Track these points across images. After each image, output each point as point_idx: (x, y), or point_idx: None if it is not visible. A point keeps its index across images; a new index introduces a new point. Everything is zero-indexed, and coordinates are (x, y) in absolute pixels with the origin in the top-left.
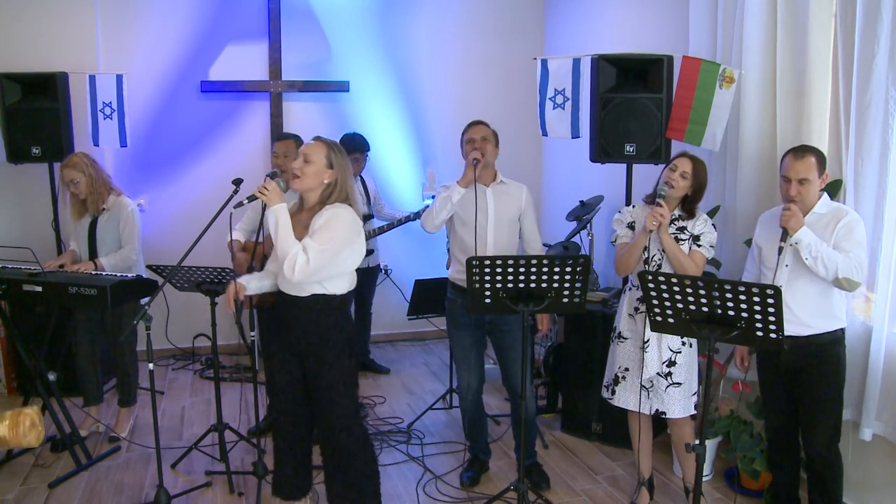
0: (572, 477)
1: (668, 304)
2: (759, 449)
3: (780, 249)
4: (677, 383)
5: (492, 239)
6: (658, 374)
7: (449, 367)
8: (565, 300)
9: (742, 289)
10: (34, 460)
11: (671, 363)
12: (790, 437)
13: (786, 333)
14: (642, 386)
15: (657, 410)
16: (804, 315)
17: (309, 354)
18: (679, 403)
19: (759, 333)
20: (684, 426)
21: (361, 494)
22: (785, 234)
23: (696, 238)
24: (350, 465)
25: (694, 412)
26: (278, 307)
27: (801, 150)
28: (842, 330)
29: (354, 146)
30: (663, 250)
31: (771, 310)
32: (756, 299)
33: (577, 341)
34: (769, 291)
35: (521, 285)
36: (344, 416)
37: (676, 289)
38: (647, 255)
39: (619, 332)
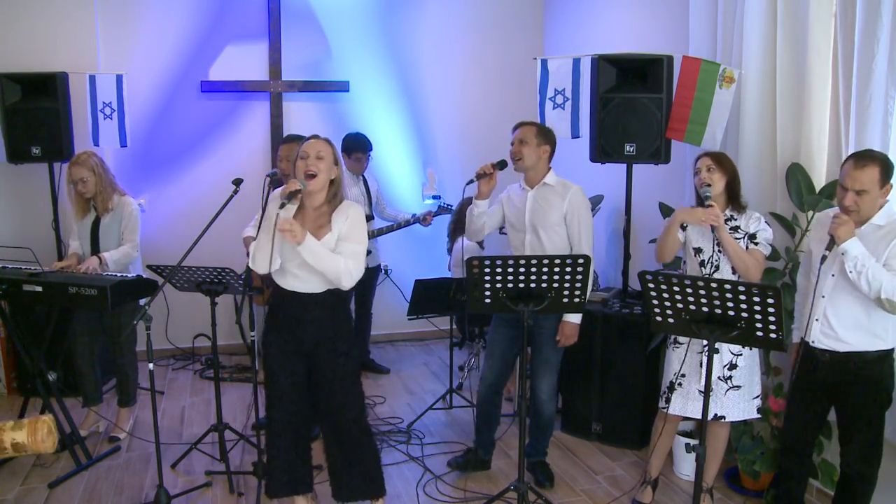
0: (572, 477)
1: (668, 303)
2: (760, 451)
3: (823, 258)
4: (737, 387)
5: (528, 242)
6: (719, 377)
7: (449, 367)
8: (565, 300)
9: (742, 289)
10: (34, 460)
11: (732, 366)
12: (805, 447)
13: (823, 347)
14: (700, 391)
15: (716, 415)
16: (841, 330)
17: (320, 349)
18: (739, 406)
19: (759, 333)
20: (726, 428)
21: (373, 483)
22: (832, 243)
23: (752, 236)
24: (361, 456)
25: (757, 415)
26: (286, 308)
27: (864, 159)
28: (889, 351)
29: (358, 146)
30: (720, 250)
31: (771, 310)
32: (756, 299)
33: (577, 341)
34: (769, 291)
35: (521, 285)
36: (354, 406)
37: (676, 289)
38: (702, 258)
39: (675, 338)
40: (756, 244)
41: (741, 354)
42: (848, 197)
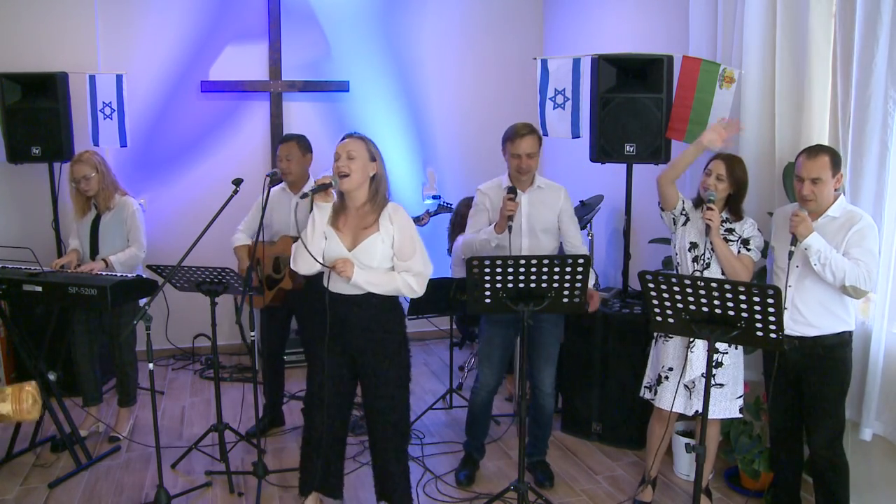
0: (572, 477)
1: (668, 304)
2: (758, 451)
3: (791, 254)
4: (719, 384)
5: (526, 245)
6: (703, 374)
7: (449, 367)
8: (565, 300)
9: (742, 289)
10: (34, 460)
11: (718, 364)
12: (793, 437)
13: (793, 334)
14: (685, 386)
15: (697, 411)
16: (811, 316)
17: (367, 351)
18: (720, 404)
19: (759, 333)
20: (713, 426)
21: (406, 489)
22: (795, 239)
23: (745, 241)
24: (398, 461)
25: (739, 415)
26: (333, 309)
27: (815, 150)
28: (849, 333)
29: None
30: (713, 250)
31: (771, 310)
32: (756, 299)
33: (577, 341)
34: (769, 291)
35: (521, 285)
36: (398, 410)
37: (676, 289)
38: (696, 254)
39: None
40: (749, 250)
41: (727, 353)
42: (806, 186)
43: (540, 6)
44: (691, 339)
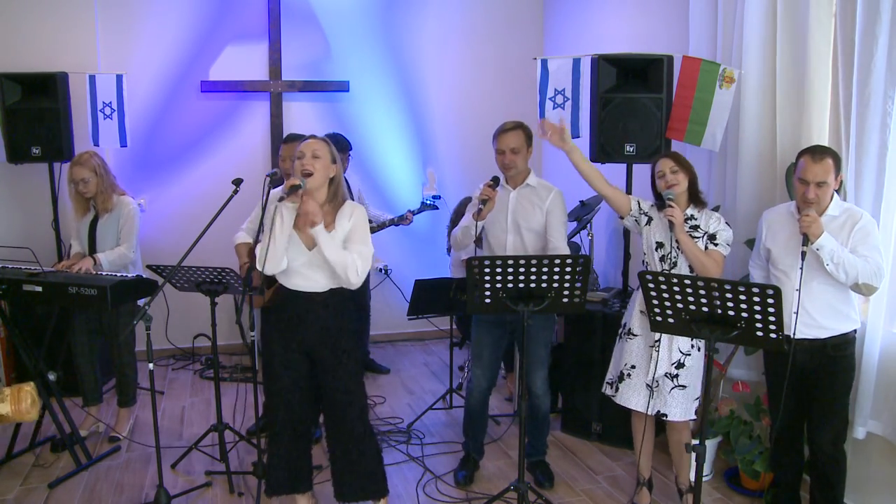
0: (572, 477)
1: (668, 303)
2: (758, 451)
3: (803, 255)
4: (682, 386)
5: (510, 243)
6: (666, 374)
7: (449, 367)
8: (565, 300)
9: (742, 289)
10: (34, 460)
11: (680, 365)
12: (795, 437)
13: (803, 337)
14: (648, 385)
15: (658, 412)
16: (821, 317)
17: (324, 347)
18: (681, 406)
19: (759, 333)
20: (682, 429)
21: (376, 483)
22: (806, 240)
23: (711, 237)
24: (363, 455)
25: (694, 417)
26: (290, 307)
27: (819, 153)
28: (855, 331)
29: (339, 146)
30: (679, 248)
31: (771, 310)
32: (756, 299)
33: (577, 341)
34: (769, 291)
35: (521, 285)
36: (357, 404)
37: (676, 289)
38: (662, 253)
39: (630, 329)
40: (716, 245)
41: (689, 354)
42: (811, 190)
43: (540, 6)
44: (657, 339)
